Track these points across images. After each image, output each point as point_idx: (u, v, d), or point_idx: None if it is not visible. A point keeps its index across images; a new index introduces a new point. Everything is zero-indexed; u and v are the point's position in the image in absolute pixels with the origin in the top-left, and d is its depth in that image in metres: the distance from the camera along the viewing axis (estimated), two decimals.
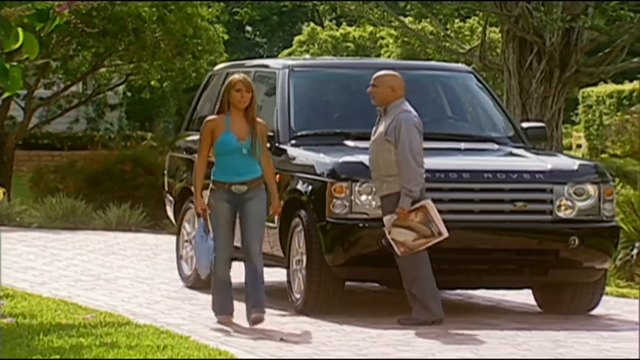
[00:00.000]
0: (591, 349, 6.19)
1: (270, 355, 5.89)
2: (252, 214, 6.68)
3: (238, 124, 6.68)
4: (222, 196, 6.70)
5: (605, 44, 13.87)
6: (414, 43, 24.70)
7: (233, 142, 6.66)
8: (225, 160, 6.68)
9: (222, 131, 6.67)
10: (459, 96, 8.11)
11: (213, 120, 6.73)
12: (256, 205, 6.69)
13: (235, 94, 6.69)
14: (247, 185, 6.69)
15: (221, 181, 6.71)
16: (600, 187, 7.25)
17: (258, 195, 6.71)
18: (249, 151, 6.65)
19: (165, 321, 6.85)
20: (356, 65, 8.73)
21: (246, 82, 6.68)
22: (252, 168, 6.71)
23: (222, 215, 6.71)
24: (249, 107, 6.68)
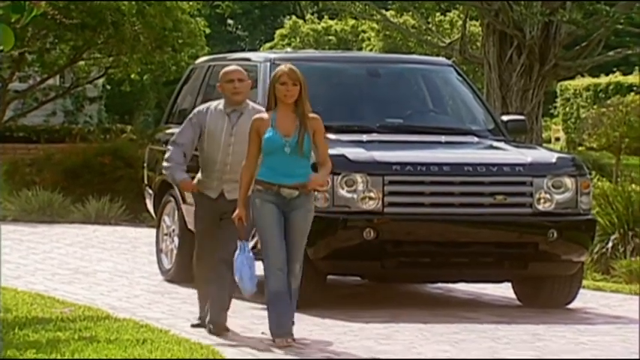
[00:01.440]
0: (568, 342, 6.23)
1: (252, 349, 5.87)
2: (297, 228, 5.91)
3: (285, 120, 5.91)
4: (270, 198, 5.91)
5: (582, 38, 13.98)
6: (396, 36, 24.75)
7: (276, 139, 5.89)
8: (270, 160, 5.94)
9: (266, 128, 5.94)
10: (440, 89, 8.13)
11: (260, 119, 5.99)
12: (303, 217, 5.93)
13: (280, 87, 5.93)
14: (299, 190, 5.90)
15: (268, 182, 5.91)
16: (577, 180, 7.29)
17: (307, 204, 5.94)
18: (293, 149, 5.86)
19: (145, 315, 6.82)
20: (338, 59, 8.73)
21: (291, 74, 5.92)
22: (301, 170, 5.90)
23: (270, 217, 5.87)
24: (298, 101, 5.92)
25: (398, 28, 19.00)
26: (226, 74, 6.36)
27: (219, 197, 6.33)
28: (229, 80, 6.32)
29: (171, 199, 8.62)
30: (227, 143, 6.28)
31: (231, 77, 6.33)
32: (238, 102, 6.31)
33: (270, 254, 5.87)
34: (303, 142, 5.88)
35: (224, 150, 6.28)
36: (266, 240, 5.89)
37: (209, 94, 8.65)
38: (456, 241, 7.12)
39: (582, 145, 17.12)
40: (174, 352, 5.43)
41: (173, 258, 8.50)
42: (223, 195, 6.31)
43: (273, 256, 5.87)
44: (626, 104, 14.41)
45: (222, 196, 6.32)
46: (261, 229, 5.90)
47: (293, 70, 5.95)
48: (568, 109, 21.82)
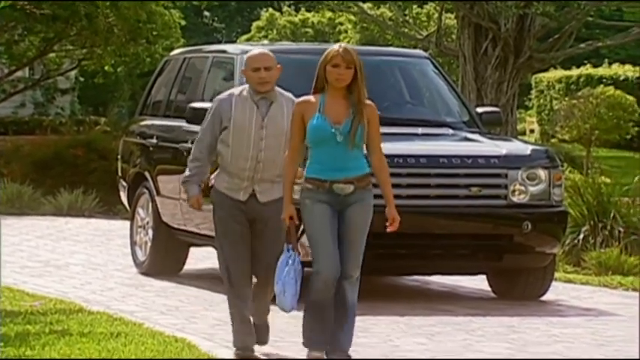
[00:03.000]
0: (541, 334, 6.28)
1: (227, 342, 5.85)
2: (355, 226, 5.03)
3: (335, 106, 5.05)
4: (321, 197, 5.04)
5: (555, 30, 14.09)
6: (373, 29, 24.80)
7: (324, 126, 5.01)
8: (319, 152, 5.05)
9: (312, 114, 5.05)
10: (416, 81, 8.15)
11: (305, 102, 5.10)
12: (361, 212, 5.05)
13: (332, 69, 5.05)
14: (354, 184, 5.04)
15: (318, 179, 5.04)
16: (550, 172, 7.34)
17: (366, 199, 5.06)
18: (346, 138, 5.00)
19: (119, 308, 6.78)
20: (315, 51, 8.71)
21: (345, 56, 5.04)
22: (355, 162, 5.05)
23: (321, 220, 5.01)
24: (352, 85, 5.05)
25: (375, 20, 19.03)
26: (252, 61, 5.42)
27: (249, 200, 5.39)
28: (255, 69, 5.40)
29: (146, 192, 8.58)
30: (258, 137, 5.36)
31: (257, 65, 5.40)
32: (265, 92, 5.42)
33: (320, 261, 5.01)
34: (356, 131, 5.02)
35: (255, 145, 5.36)
36: (317, 245, 5.03)
37: (184, 86, 8.63)
38: (433, 233, 7.14)
39: (555, 137, 17.28)
40: (148, 345, 5.40)
41: (147, 250, 8.47)
42: (255, 197, 5.38)
43: (324, 265, 5.01)
44: (595, 96, 14.53)
45: (253, 198, 5.39)
46: (311, 233, 5.06)
47: (347, 51, 5.06)
48: (542, 101, 22.00)
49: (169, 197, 8.28)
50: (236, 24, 34.22)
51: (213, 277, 8.41)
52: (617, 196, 9.67)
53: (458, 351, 5.82)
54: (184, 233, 8.19)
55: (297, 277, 5.08)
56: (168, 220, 8.35)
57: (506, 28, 13.15)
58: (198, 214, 8.04)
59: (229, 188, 5.46)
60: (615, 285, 8.22)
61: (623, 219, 9.46)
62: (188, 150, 8.23)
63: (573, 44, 13.93)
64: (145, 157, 8.66)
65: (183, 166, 8.44)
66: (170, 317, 6.62)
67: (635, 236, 9.35)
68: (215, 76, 8.25)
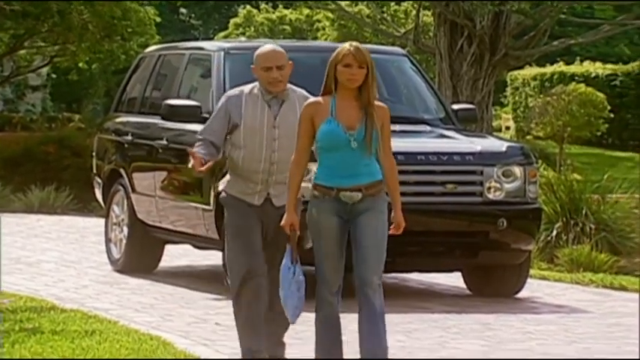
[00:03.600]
0: (516, 331, 6.32)
1: (204, 340, 5.83)
2: (369, 232, 4.68)
3: (347, 109, 4.71)
4: (328, 207, 4.69)
5: (530, 28, 14.20)
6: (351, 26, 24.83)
7: (338, 132, 4.68)
8: (329, 157, 4.71)
9: (324, 118, 4.70)
10: (394, 78, 8.17)
11: (315, 103, 4.76)
12: (375, 219, 4.69)
13: (343, 70, 4.70)
14: (362, 192, 4.68)
15: (325, 186, 4.70)
16: (526, 169, 7.38)
17: (378, 206, 4.71)
18: (360, 145, 4.67)
19: (94, 305, 6.73)
20: (292, 48, 8.73)
21: (358, 55, 4.70)
22: (367, 168, 4.71)
23: (327, 232, 4.68)
24: (363, 87, 4.71)
25: (353, 17, 19.05)
26: (263, 59, 5.08)
27: (264, 204, 5.09)
28: (266, 68, 5.08)
29: (121, 189, 8.54)
30: (271, 137, 5.06)
31: (268, 65, 5.07)
32: (278, 92, 5.10)
33: (326, 273, 4.71)
34: (371, 137, 4.67)
35: (269, 146, 5.07)
36: (321, 259, 4.71)
37: (160, 83, 8.59)
38: (410, 230, 7.12)
39: (530, 134, 17.40)
40: (123, 343, 5.35)
41: (122, 248, 8.43)
42: (270, 201, 5.08)
43: (327, 279, 4.71)
44: (568, 93, 14.65)
45: (268, 202, 5.08)
46: (316, 245, 4.73)
47: (359, 50, 4.72)
48: (517, 98, 22.16)
49: (145, 194, 8.24)
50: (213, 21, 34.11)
51: (189, 275, 8.39)
52: (588, 194, 9.76)
53: (434, 348, 5.84)
54: (160, 230, 8.15)
55: (298, 288, 4.79)
56: (143, 217, 8.32)
57: (482, 25, 13.22)
58: (173, 211, 8.03)
59: (242, 192, 5.12)
60: (587, 282, 8.30)
61: (593, 216, 9.55)
62: (163, 147, 8.29)
63: (547, 42, 14.05)
64: (120, 154, 8.62)
65: (159, 162, 8.52)
66: (145, 315, 6.58)
67: (605, 233, 9.45)
68: (192, 73, 8.24)
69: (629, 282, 8.06)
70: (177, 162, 7.98)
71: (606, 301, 7.51)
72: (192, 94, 8.07)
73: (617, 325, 6.54)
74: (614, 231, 9.44)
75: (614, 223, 9.48)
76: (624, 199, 9.60)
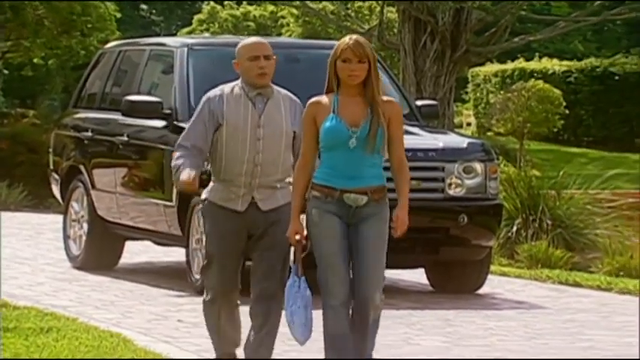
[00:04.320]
0: (477, 327, 6.36)
1: (165, 337, 5.78)
2: (371, 242, 4.32)
3: (351, 106, 4.38)
4: (330, 208, 4.33)
5: (490, 24, 14.31)
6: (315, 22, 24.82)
7: (340, 129, 4.35)
8: (331, 156, 4.37)
9: (326, 116, 4.38)
10: None
11: (316, 102, 4.43)
12: (377, 229, 4.34)
13: (343, 65, 4.37)
14: (368, 195, 4.33)
15: (327, 186, 4.35)
16: (486, 165, 7.41)
17: (382, 213, 4.36)
18: (362, 143, 4.33)
19: (51, 303, 6.62)
20: None
21: (356, 49, 4.36)
22: (372, 170, 4.36)
23: (330, 233, 4.30)
24: (367, 82, 4.38)
25: (317, 14, 19.04)
26: (249, 49, 4.71)
27: (248, 209, 4.64)
28: (253, 57, 4.67)
29: (80, 185, 8.46)
30: (255, 137, 4.65)
31: (255, 53, 4.67)
32: (264, 85, 4.69)
33: (330, 283, 4.29)
34: (375, 134, 4.33)
35: (252, 146, 4.65)
36: (325, 264, 4.29)
37: (120, 78, 8.51)
38: None
39: (491, 130, 17.55)
40: (82, 340, 5.27)
41: (82, 244, 8.35)
42: (255, 205, 4.64)
43: (334, 286, 4.29)
44: (527, 90, 14.79)
45: (253, 207, 4.64)
46: (318, 249, 4.32)
47: (359, 44, 4.37)
48: (478, 94, 22.34)
49: (105, 191, 8.17)
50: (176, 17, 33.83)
51: (150, 272, 8.33)
52: (545, 190, 9.87)
53: (398, 345, 5.85)
54: (120, 227, 8.09)
55: (305, 303, 4.35)
56: (103, 213, 8.23)
57: (444, 22, 13.30)
58: (134, 207, 7.96)
59: (225, 198, 4.69)
60: (544, 278, 8.39)
61: (550, 212, 9.65)
62: (124, 143, 8.22)
63: (508, 38, 14.17)
64: (79, 150, 8.54)
65: (119, 159, 8.44)
66: (105, 312, 6.51)
67: (561, 229, 9.55)
68: (153, 70, 8.18)
69: (583, 278, 8.15)
70: (138, 158, 7.92)
71: (562, 297, 7.60)
72: (154, 91, 8.02)
73: (572, 321, 6.60)
74: (569, 227, 9.55)
75: (569, 220, 9.59)
76: (578, 194, 9.72)
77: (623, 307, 7.08)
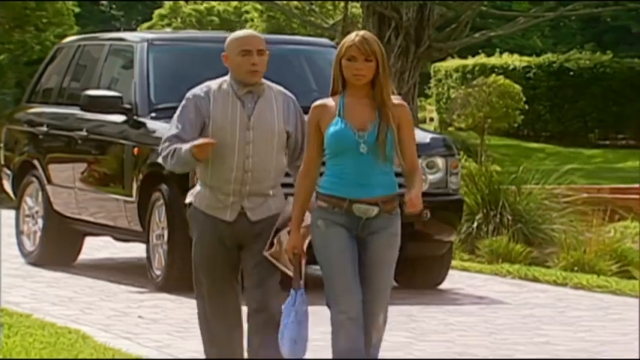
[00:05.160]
0: (438, 323, 6.37)
1: (125, 333, 5.70)
2: (378, 259, 3.98)
3: (358, 108, 4.01)
4: (337, 219, 3.97)
5: (452, 20, 14.38)
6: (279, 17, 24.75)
7: (346, 133, 3.98)
8: (337, 163, 3.99)
9: (331, 120, 4.02)
10: (323, 70, 8.14)
11: (321, 105, 4.06)
12: (386, 244, 4.00)
13: (348, 64, 4.02)
14: (379, 206, 3.97)
15: (334, 196, 3.98)
16: (448, 161, 7.42)
17: (393, 227, 4.02)
18: (371, 148, 3.96)
19: (5, 299, 6.50)
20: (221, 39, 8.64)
21: (362, 46, 3.99)
22: (383, 178, 4.00)
23: (338, 246, 3.93)
24: (375, 82, 4.02)
25: (281, 9, 18.97)
26: (239, 42, 4.25)
27: (238, 219, 4.23)
28: (245, 52, 4.22)
29: (34, 180, 8.36)
30: (244, 140, 4.21)
31: (247, 47, 4.22)
32: (256, 83, 4.26)
33: (339, 298, 3.93)
34: (385, 139, 3.96)
35: (241, 150, 4.20)
36: (333, 278, 3.95)
37: (78, 73, 8.40)
38: None
39: (452, 125, 17.63)
40: (37, 337, 5.17)
41: (37, 240, 8.23)
42: (245, 215, 4.24)
43: (344, 302, 3.92)
44: (488, 85, 14.86)
45: (242, 217, 4.23)
46: (325, 263, 3.97)
47: (365, 40, 4.01)
48: (440, 89, 22.44)
49: (62, 186, 8.08)
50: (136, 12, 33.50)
51: (110, 268, 8.24)
52: (505, 185, 9.92)
53: None
54: (79, 222, 8.00)
55: (300, 319, 4.04)
56: (61, 209, 8.12)
57: (408, 17, 13.32)
58: (94, 203, 7.86)
59: (212, 206, 4.26)
60: (504, 273, 8.43)
61: (510, 207, 9.70)
62: (83, 138, 8.13)
63: (469, 34, 14.24)
64: (33, 145, 8.43)
65: (78, 154, 8.33)
66: (62, 308, 6.42)
67: (521, 224, 9.61)
68: (112, 65, 8.11)
69: (541, 273, 8.20)
70: (97, 153, 7.85)
71: (521, 292, 7.66)
72: (114, 86, 7.95)
73: (531, 316, 6.64)
74: (528, 222, 9.61)
75: (528, 215, 9.66)
76: (537, 190, 9.79)
77: (577, 302, 7.14)
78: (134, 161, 7.40)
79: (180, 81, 7.77)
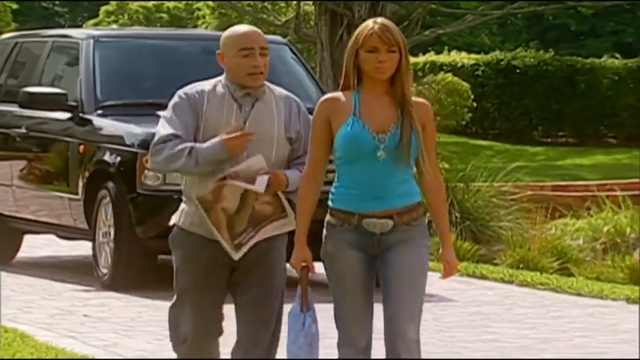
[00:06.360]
0: None
1: (70, 332, 5.60)
2: (402, 270, 3.48)
3: (377, 106, 3.47)
4: (348, 238, 3.49)
5: (404, 17, 14.44)
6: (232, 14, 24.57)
7: (363, 136, 3.45)
8: (350, 171, 3.47)
9: (345, 119, 3.47)
10: (275, 67, 8.05)
11: (331, 99, 3.52)
12: (409, 254, 3.48)
13: (367, 56, 3.47)
14: (394, 219, 3.46)
15: (343, 210, 3.49)
16: None
17: (416, 237, 3.50)
18: (392, 155, 3.45)
19: None
20: (168, 36, 8.63)
21: (384, 35, 3.44)
22: (403, 187, 3.48)
23: (348, 272, 3.50)
24: (396, 77, 3.47)
25: (233, 6, 18.87)
26: (240, 40, 3.63)
27: None
28: (246, 50, 3.63)
29: None
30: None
31: (248, 45, 3.62)
32: (257, 86, 3.69)
33: (348, 328, 3.55)
34: (409, 143, 3.42)
35: (235, 159, 3.66)
36: (341, 307, 3.54)
37: (17, 70, 8.28)
38: None
39: None
40: None
41: None
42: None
43: (354, 332, 3.54)
44: (437, 82, 14.94)
45: None
46: (335, 288, 3.56)
47: (387, 29, 3.44)
48: None
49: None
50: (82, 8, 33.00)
51: (54, 266, 8.10)
52: (454, 182, 9.99)
53: None
54: (18, 220, 7.86)
55: (311, 341, 3.59)
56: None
57: (360, 15, 13.35)
58: (35, 201, 7.72)
59: (200, 224, 3.64)
60: None
61: (459, 204, 9.76)
62: (22, 135, 7.98)
63: (420, 32, 14.30)
64: None
65: (17, 151, 8.17)
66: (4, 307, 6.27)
67: (469, 222, 9.67)
68: (55, 62, 7.99)
69: (488, 270, 8.25)
70: (39, 151, 7.74)
71: (469, 290, 7.71)
72: (57, 83, 7.83)
73: (478, 313, 6.67)
74: (476, 220, 9.68)
75: (476, 212, 9.73)
76: (484, 187, 9.87)
77: (523, 300, 7.19)
78: (80, 159, 7.30)
79: (127, 78, 7.71)
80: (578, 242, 9.27)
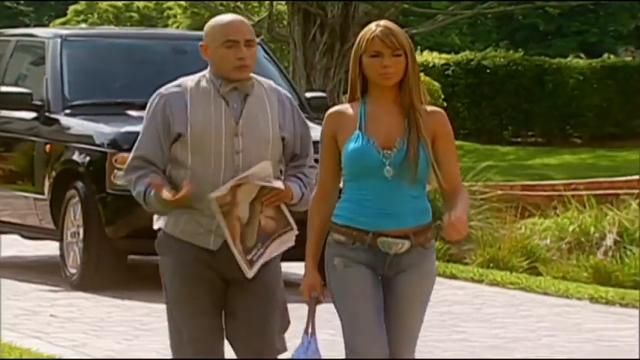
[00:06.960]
0: None
1: (35, 332, 5.53)
2: (407, 299, 3.31)
3: (383, 118, 3.24)
4: (358, 257, 3.27)
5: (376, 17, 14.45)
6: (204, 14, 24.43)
7: (368, 152, 3.23)
8: (357, 187, 3.26)
9: (351, 133, 3.24)
10: None
11: (337, 113, 3.26)
12: (418, 283, 3.32)
13: (371, 61, 3.22)
14: (410, 240, 3.26)
15: (354, 228, 3.25)
16: None
17: (427, 264, 3.33)
18: (398, 170, 3.23)
19: None
20: (137, 35, 8.58)
21: (388, 38, 3.20)
22: (415, 204, 3.28)
23: (359, 291, 3.27)
24: (404, 83, 3.22)
25: (206, 5, 18.78)
26: (225, 31, 3.33)
27: (223, 247, 3.34)
28: (231, 43, 3.31)
29: None
30: (232, 150, 3.32)
31: (233, 37, 3.31)
32: (244, 79, 3.36)
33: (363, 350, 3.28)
34: (416, 156, 3.20)
35: (228, 163, 3.32)
36: (353, 329, 3.30)
37: None
38: None
39: None
40: None
41: None
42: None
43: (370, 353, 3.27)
44: None
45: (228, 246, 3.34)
46: (345, 313, 3.33)
47: (391, 32, 3.21)
48: None
49: None
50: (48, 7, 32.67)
51: (18, 266, 7.98)
52: None
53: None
54: None
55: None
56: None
57: (333, 14, 13.35)
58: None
59: (190, 232, 3.35)
60: None
61: (430, 204, 9.77)
62: None
63: None
64: None
65: None
66: None
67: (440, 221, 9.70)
68: (19, 61, 7.89)
69: (459, 270, 8.26)
70: (2, 150, 7.63)
71: (440, 290, 7.66)
72: (21, 82, 7.75)
73: (448, 313, 6.67)
74: None
75: None
76: None
77: (493, 299, 7.21)
78: (46, 158, 7.23)
79: (96, 78, 7.63)
80: (545, 242, 9.31)
